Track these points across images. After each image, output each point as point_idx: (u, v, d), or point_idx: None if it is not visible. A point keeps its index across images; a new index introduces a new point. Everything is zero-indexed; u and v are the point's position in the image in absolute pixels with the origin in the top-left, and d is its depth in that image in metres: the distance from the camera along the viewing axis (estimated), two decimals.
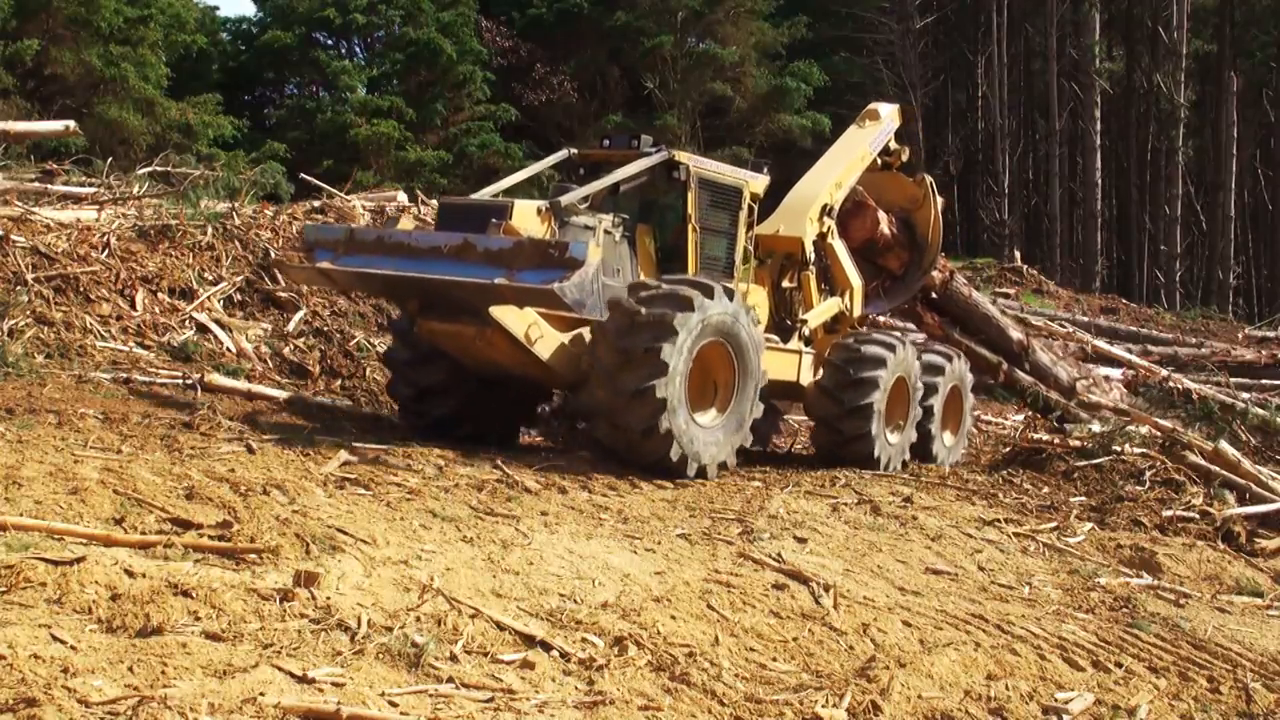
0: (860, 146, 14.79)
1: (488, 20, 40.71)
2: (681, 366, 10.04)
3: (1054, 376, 16.71)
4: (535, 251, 9.29)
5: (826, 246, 13.81)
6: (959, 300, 16.27)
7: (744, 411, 10.93)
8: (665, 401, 9.90)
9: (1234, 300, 38.87)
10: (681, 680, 5.52)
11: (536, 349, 10.25)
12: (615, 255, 11.02)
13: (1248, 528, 10.86)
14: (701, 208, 11.67)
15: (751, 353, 10.87)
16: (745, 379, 10.87)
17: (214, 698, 4.36)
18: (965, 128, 45.28)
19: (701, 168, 11.74)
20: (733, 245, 12.15)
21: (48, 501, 6.63)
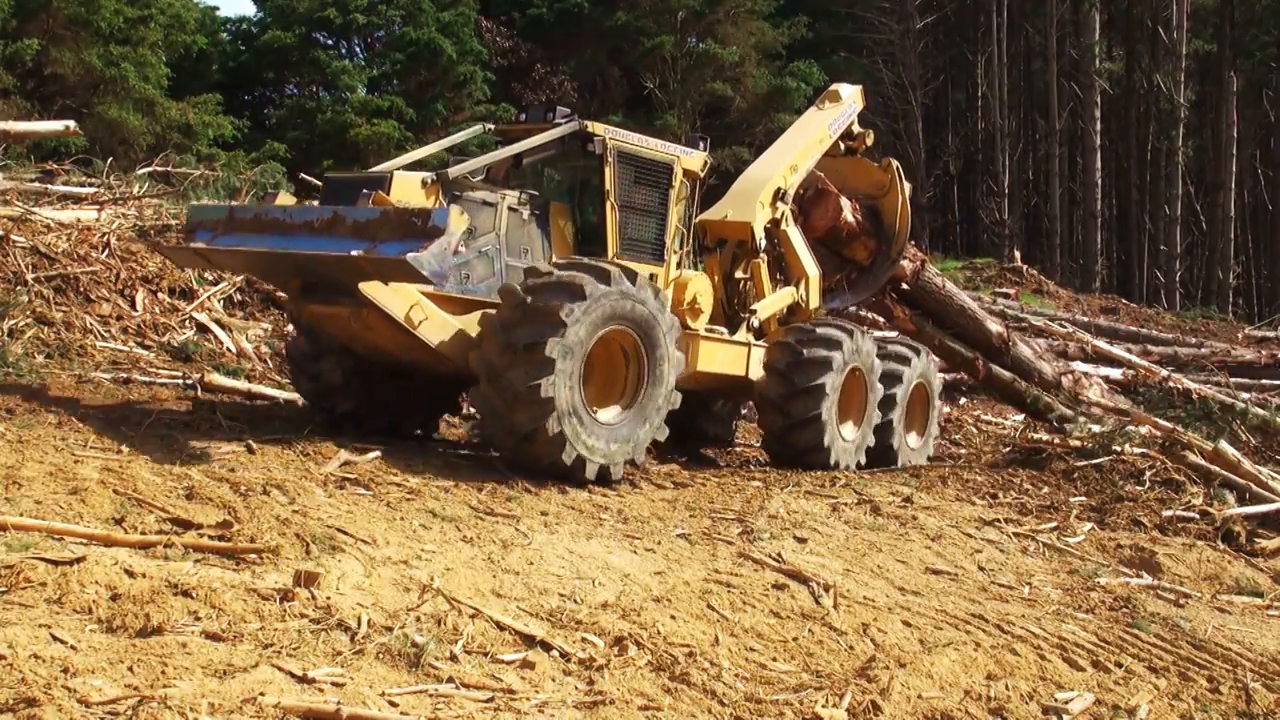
0: (818, 129, 14.07)
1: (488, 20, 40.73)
2: (571, 363, 9.19)
3: (1037, 371, 16.03)
4: (399, 221, 8.57)
5: (780, 233, 13.09)
6: (932, 292, 15.34)
7: (655, 404, 9.99)
8: (552, 401, 9.06)
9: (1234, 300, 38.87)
10: (681, 680, 5.52)
11: (422, 333, 9.45)
12: (523, 235, 10.38)
13: (1248, 528, 10.86)
14: (622, 184, 10.92)
15: (664, 341, 9.95)
16: (656, 369, 9.96)
17: (214, 698, 4.36)
18: (965, 128, 45.29)
19: (621, 140, 10.96)
20: (663, 227, 11.40)
21: (48, 501, 6.63)
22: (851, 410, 12.59)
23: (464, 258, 9.81)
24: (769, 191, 12.87)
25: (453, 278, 9.61)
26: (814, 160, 13.77)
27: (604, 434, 9.60)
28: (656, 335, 9.91)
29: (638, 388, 9.96)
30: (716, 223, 12.74)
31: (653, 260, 11.24)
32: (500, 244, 10.18)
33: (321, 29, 40.24)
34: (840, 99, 14.53)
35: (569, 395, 9.19)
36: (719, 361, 11.87)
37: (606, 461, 9.60)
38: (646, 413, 9.97)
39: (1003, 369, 15.54)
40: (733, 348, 12.17)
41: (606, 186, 10.77)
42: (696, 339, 11.54)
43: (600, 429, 9.58)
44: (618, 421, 9.80)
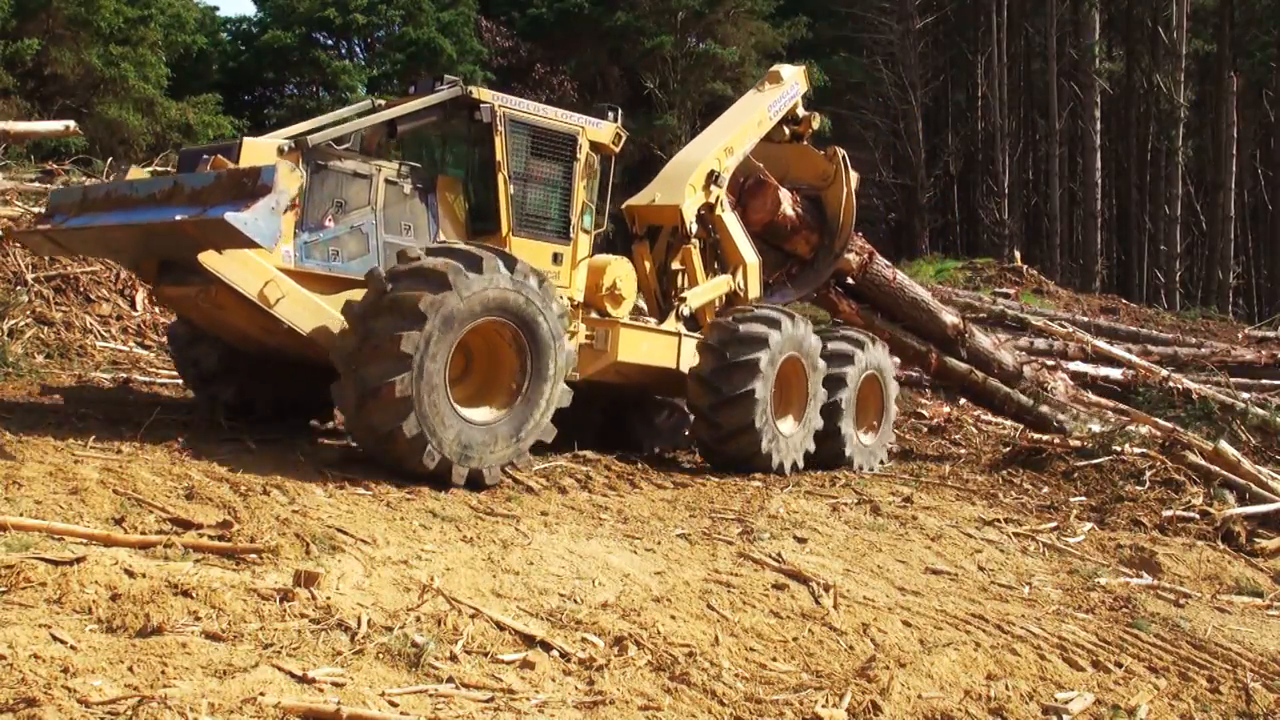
0: (757, 110, 13.42)
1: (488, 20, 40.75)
2: (431, 361, 8.41)
3: (997, 362, 15.55)
4: (230, 183, 7.96)
5: (715, 219, 12.47)
6: (881, 285, 14.70)
7: (537, 403, 9.16)
8: (410, 401, 8.32)
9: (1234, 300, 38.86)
10: (681, 680, 5.52)
11: (280, 313, 8.73)
12: (405, 210, 9.76)
13: (1248, 528, 10.87)
14: (516, 156, 10.24)
15: (550, 332, 9.15)
16: (541, 364, 9.16)
17: (214, 698, 4.36)
18: (965, 128, 45.27)
19: (513, 109, 10.30)
20: (567, 203, 10.66)
21: (48, 501, 6.64)
22: (791, 404, 11.84)
23: (332, 232, 9.28)
24: (701, 174, 12.28)
25: (319, 253, 9.13)
26: (752, 143, 13.18)
27: (476, 435, 8.78)
28: (540, 327, 9.09)
29: (519, 385, 9.14)
30: (644, 207, 12.19)
31: (555, 239, 10.60)
32: (377, 219, 9.58)
33: (321, 29, 40.25)
34: (781, 80, 13.92)
35: (431, 394, 8.41)
36: (643, 352, 11.22)
37: (479, 465, 8.79)
38: (529, 412, 9.13)
39: (959, 361, 15.11)
40: (659, 337, 11.51)
41: (497, 158, 10.11)
42: (616, 327, 11.01)
43: (471, 430, 8.75)
44: (494, 421, 8.96)
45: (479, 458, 8.81)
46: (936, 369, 15.14)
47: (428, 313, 8.35)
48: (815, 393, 11.93)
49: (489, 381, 9.21)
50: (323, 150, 9.29)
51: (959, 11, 45.94)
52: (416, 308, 8.35)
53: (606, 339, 10.93)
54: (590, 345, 10.98)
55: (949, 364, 15.05)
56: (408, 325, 8.32)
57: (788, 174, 13.89)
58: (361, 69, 39.90)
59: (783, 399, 11.65)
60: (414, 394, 8.33)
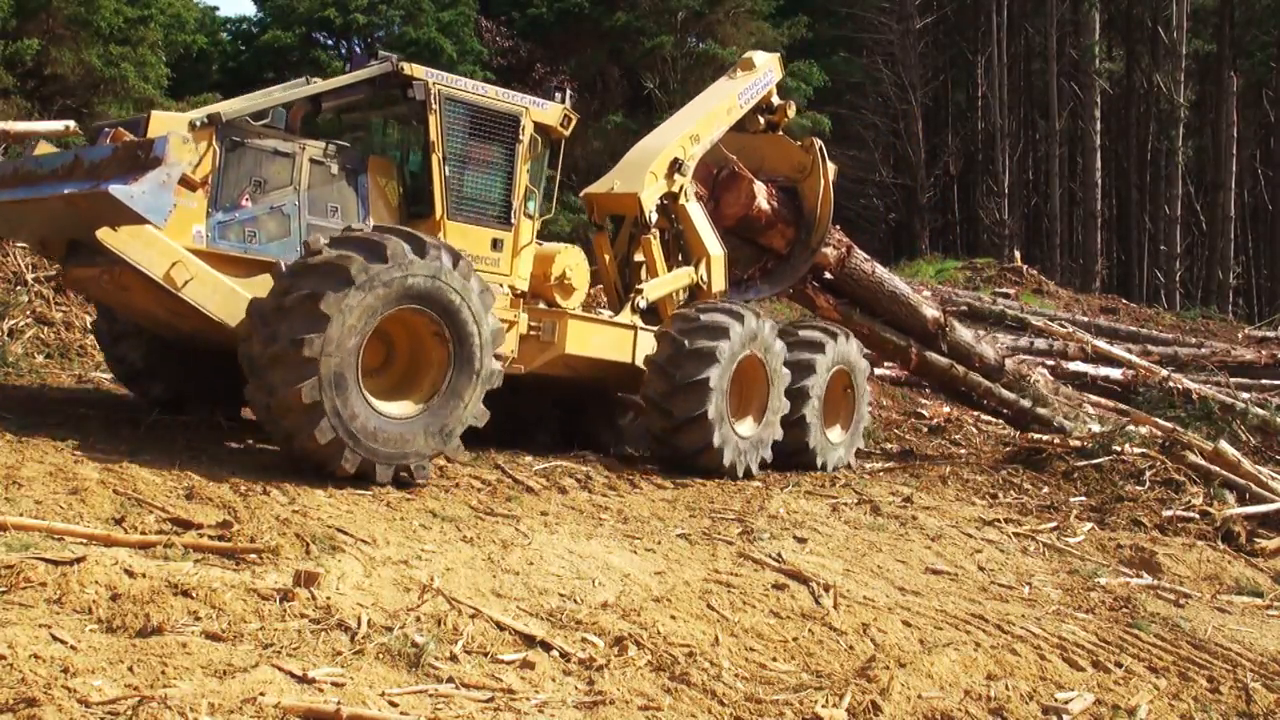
0: (726, 98, 12.93)
1: (488, 20, 40.73)
2: (341, 361, 7.96)
3: (978, 355, 15.16)
4: (125, 156, 7.67)
5: (679, 209, 12.00)
6: (860, 279, 14.19)
7: (458, 400, 8.64)
8: (319, 406, 7.92)
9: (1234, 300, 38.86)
10: (681, 680, 5.52)
11: (189, 295, 8.31)
12: (331, 191, 9.38)
13: (1248, 528, 10.87)
14: (452, 136, 9.84)
15: (473, 325, 8.65)
16: (465, 352, 8.66)
17: (214, 698, 4.36)
18: (965, 128, 45.26)
19: (449, 86, 9.88)
20: (508, 186, 10.22)
21: (48, 501, 6.64)
22: (751, 405, 11.32)
23: (250, 212, 8.90)
24: (663, 162, 11.82)
25: (235, 234, 8.77)
26: (720, 131, 12.73)
27: (397, 432, 8.35)
28: (460, 312, 8.59)
29: (442, 375, 8.64)
30: (603, 195, 11.78)
31: (496, 224, 10.19)
32: (300, 200, 9.20)
33: (321, 29, 40.23)
34: (754, 67, 13.46)
35: (342, 396, 7.99)
36: (594, 345, 10.79)
37: (404, 462, 8.39)
38: (455, 401, 8.63)
39: (940, 355, 14.72)
40: (612, 330, 11.07)
41: (432, 137, 9.71)
42: (563, 318, 10.60)
43: (392, 426, 8.33)
44: (415, 415, 8.51)
45: (401, 456, 8.37)
46: (916, 365, 14.74)
47: (330, 313, 7.90)
48: (777, 397, 11.40)
49: (411, 372, 8.77)
50: (239, 126, 8.85)
51: (959, 11, 45.93)
52: (318, 309, 7.88)
53: (554, 330, 10.49)
54: (536, 337, 10.54)
55: (929, 359, 14.66)
56: (311, 327, 7.87)
57: (763, 165, 13.48)
58: None
59: (742, 399, 11.20)
60: (322, 399, 7.90)
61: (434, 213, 9.74)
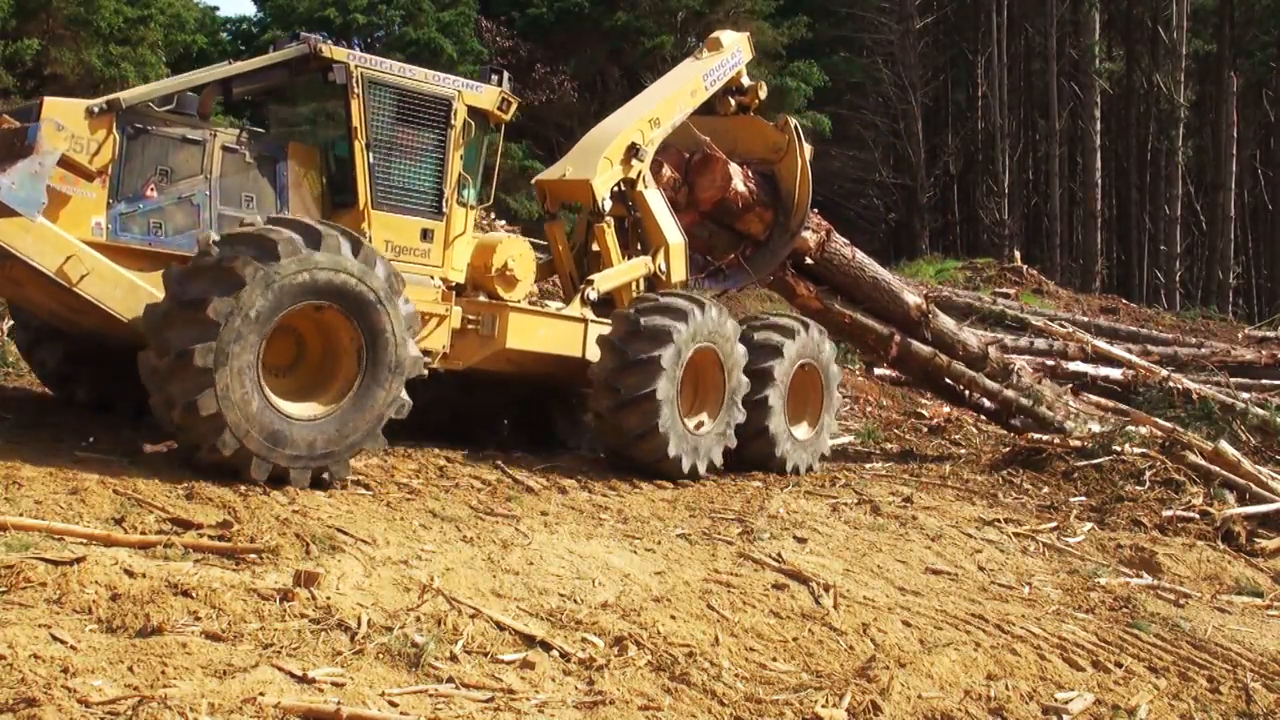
0: (690, 79, 12.37)
1: (488, 20, 40.73)
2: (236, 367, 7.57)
3: (961, 343, 14.63)
4: (3, 145, 7.41)
5: (636, 195, 11.46)
6: (840, 265, 13.56)
7: (374, 393, 8.22)
8: (219, 416, 7.53)
9: (1234, 300, 38.85)
10: (681, 680, 5.52)
11: (86, 291, 7.90)
12: (246, 180, 8.94)
13: (1248, 528, 10.88)
14: (376, 121, 9.38)
15: (383, 315, 8.21)
16: (379, 348, 8.23)
17: (214, 698, 4.36)
18: (965, 128, 45.25)
19: (372, 68, 9.42)
20: (439, 174, 9.75)
21: (48, 501, 6.64)
22: (706, 400, 10.77)
23: (155, 203, 8.48)
24: (618, 147, 11.31)
25: (138, 226, 8.36)
26: (683, 114, 12.21)
27: (309, 433, 7.95)
28: (368, 304, 8.15)
29: (355, 369, 8.23)
30: (555, 183, 11.33)
31: (426, 214, 9.72)
32: (211, 190, 8.76)
33: (321, 29, 40.23)
34: (721, 47, 12.89)
35: (243, 404, 7.62)
36: (539, 339, 10.32)
37: (320, 464, 8.02)
38: (371, 395, 8.22)
39: (922, 344, 14.11)
40: (560, 324, 10.59)
41: (354, 123, 9.26)
42: (504, 311, 10.10)
43: (303, 429, 7.94)
44: (327, 415, 8.09)
45: (309, 459, 7.97)
46: (897, 354, 14.04)
47: (219, 320, 7.53)
48: (734, 386, 10.81)
49: (325, 368, 8.36)
50: (142, 112, 8.42)
51: (959, 11, 45.92)
52: (207, 317, 7.50)
53: (494, 324, 10.01)
54: (475, 331, 10.06)
55: (912, 348, 13.99)
56: (202, 335, 7.51)
57: (736, 148, 12.86)
58: None
59: (696, 395, 10.71)
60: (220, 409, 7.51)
61: (358, 202, 9.31)
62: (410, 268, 9.39)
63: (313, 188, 9.36)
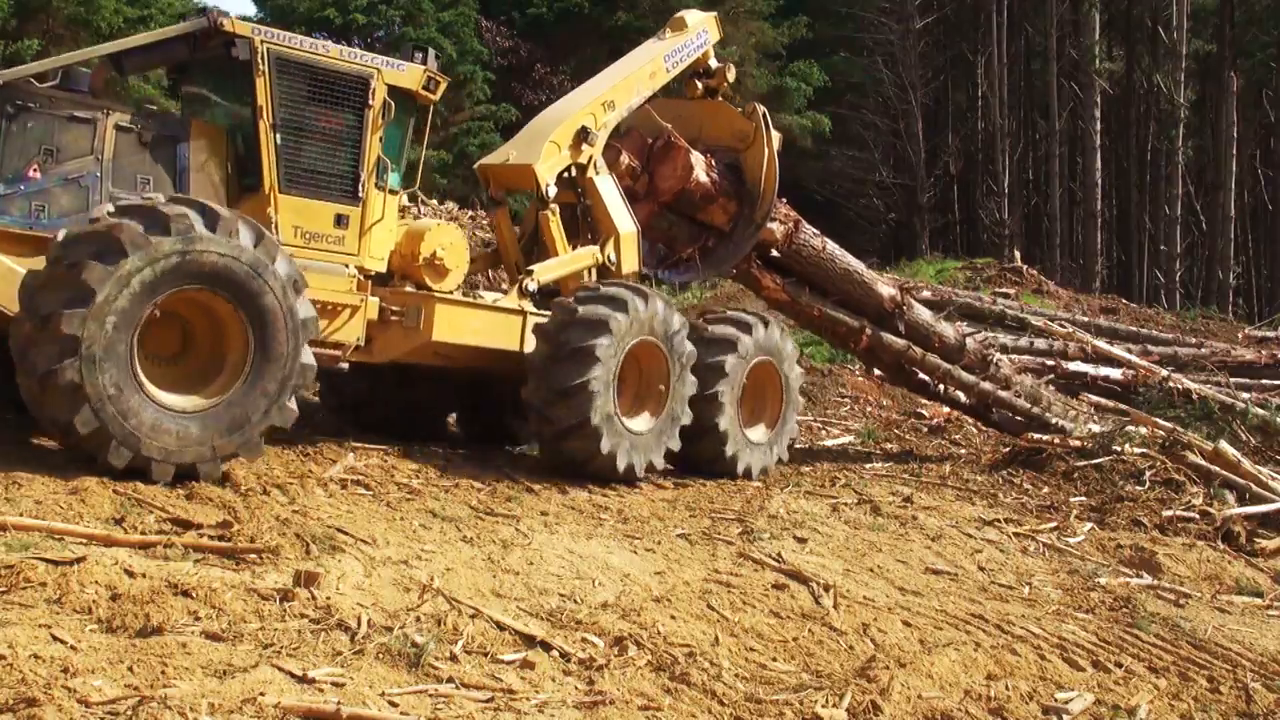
0: (650, 60, 11.85)
1: (488, 20, 40.75)
2: (111, 341, 7.18)
3: (937, 335, 13.98)
4: None
5: (586, 182, 10.93)
6: (809, 256, 12.88)
7: (258, 395, 7.76)
8: (81, 390, 7.11)
9: (1234, 300, 38.84)
10: (681, 680, 5.52)
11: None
12: (141, 161, 8.50)
13: (1248, 528, 10.87)
14: (284, 100, 8.88)
15: (278, 312, 7.77)
16: (267, 338, 7.78)
17: (214, 698, 4.36)
18: (965, 128, 45.26)
19: (280, 44, 8.92)
20: (355, 157, 9.25)
21: (48, 501, 6.65)
22: (648, 397, 10.23)
23: (38, 185, 8.08)
24: (567, 131, 10.83)
25: (18, 209, 7.99)
26: (641, 98, 11.72)
27: (181, 427, 7.51)
28: (263, 298, 7.72)
29: (240, 372, 7.78)
30: (498, 168, 10.84)
31: (340, 199, 9.20)
32: (102, 171, 8.34)
33: (321, 29, 40.27)
34: (685, 27, 12.29)
35: (110, 381, 7.18)
36: (471, 331, 9.80)
37: (186, 461, 7.55)
38: (255, 397, 7.77)
39: (896, 336, 13.49)
40: (495, 316, 10.06)
41: (259, 102, 8.76)
42: (431, 302, 9.59)
43: (176, 421, 7.49)
44: (204, 410, 7.63)
45: (177, 453, 7.50)
46: (869, 345, 13.39)
47: (95, 286, 7.11)
48: (679, 383, 10.26)
49: (211, 363, 7.92)
50: (23, 90, 8.04)
51: (959, 11, 45.94)
52: (82, 281, 7.10)
53: (419, 316, 9.52)
54: (400, 322, 9.59)
55: (884, 340, 13.33)
56: (72, 302, 7.09)
57: (701, 135, 12.29)
58: None
59: (638, 392, 10.20)
60: (84, 382, 7.10)
61: (263, 185, 8.83)
62: (322, 255, 9.04)
63: (217, 170, 8.88)
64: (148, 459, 7.39)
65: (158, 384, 7.58)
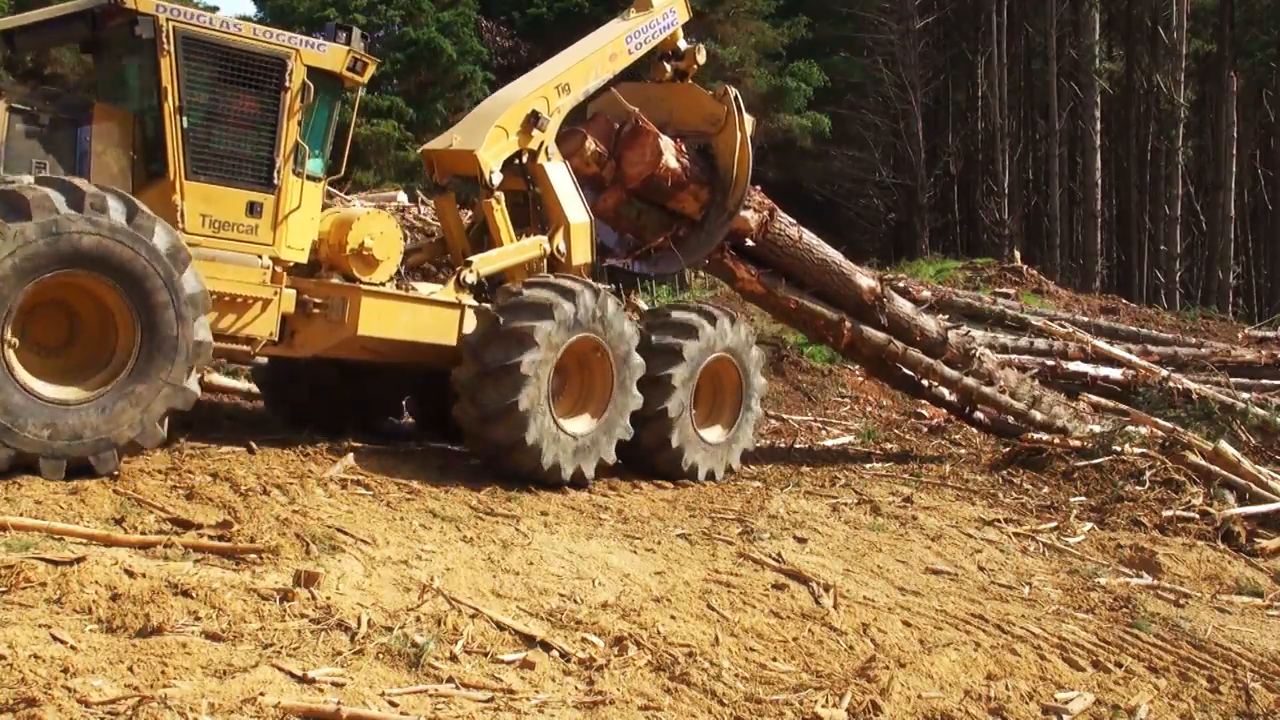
0: (610, 41, 11.34)
1: (488, 20, 40.74)
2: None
3: (918, 328, 13.61)
4: None
5: (535, 168, 10.47)
6: (785, 246, 12.41)
7: (148, 380, 7.45)
8: None
9: (1234, 300, 38.84)
10: (681, 680, 5.52)
11: None
12: (36, 146, 8.14)
13: (1248, 528, 10.87)
14: (192, 82, 8.40)
15: (163, 292, 7.45)
16: (155, 325, 7.46)
17: (214, 698, 4.36)
18: (965, 128, 45.26)
19: (187, 23, 8.40)
20: (271, 142, 8.78)
21: (48, 501, 6.65)
22: (589, 399, 9.80)
23: None
24: (515, 116, 10.37)
25: None
26: (599, 81, 11.21)
27: (64, 419, 7.20)
28: (146, 279, 7.39)
29: (128, 352, 7.47)
30: (443, 153, 10.41)
31: (253, 186, 8.73)
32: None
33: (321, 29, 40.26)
34: (651, 6, 11.74)
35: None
36: (402, 325, 9.38)
37: (77, 454, 7.23)
38: (145, 382, 7.45)
39: (876, 330, 13.06)
40: (428, 309, 9.61)
41: (164, 83, 8.27)
42: (356, 294, 9.15)
43: (59, 413, 7.18)
44: (89, 400, 7.33)
45: (75, 445, 7.22)
46: (849, 340, 12.92)
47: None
48: (624, 380, 9.80)
49: (99, 349, 7.55)
50: None
51: (959, 11, 45.95)
52: None
53: (344, 309, 9.10)
54: (324, 315, 9.16)
55: (865, 334, 12.86)
56: None
57: (671, 119, 11.75)
58: None
59: (577, 391, 9.80)
60: None
61: (168, 171, 8.39)
62: (233, 245, 8.63)
63: (121, 155, 8.44)
64: (35, 455, 7.09)
65: (44, 375, 7.28)
